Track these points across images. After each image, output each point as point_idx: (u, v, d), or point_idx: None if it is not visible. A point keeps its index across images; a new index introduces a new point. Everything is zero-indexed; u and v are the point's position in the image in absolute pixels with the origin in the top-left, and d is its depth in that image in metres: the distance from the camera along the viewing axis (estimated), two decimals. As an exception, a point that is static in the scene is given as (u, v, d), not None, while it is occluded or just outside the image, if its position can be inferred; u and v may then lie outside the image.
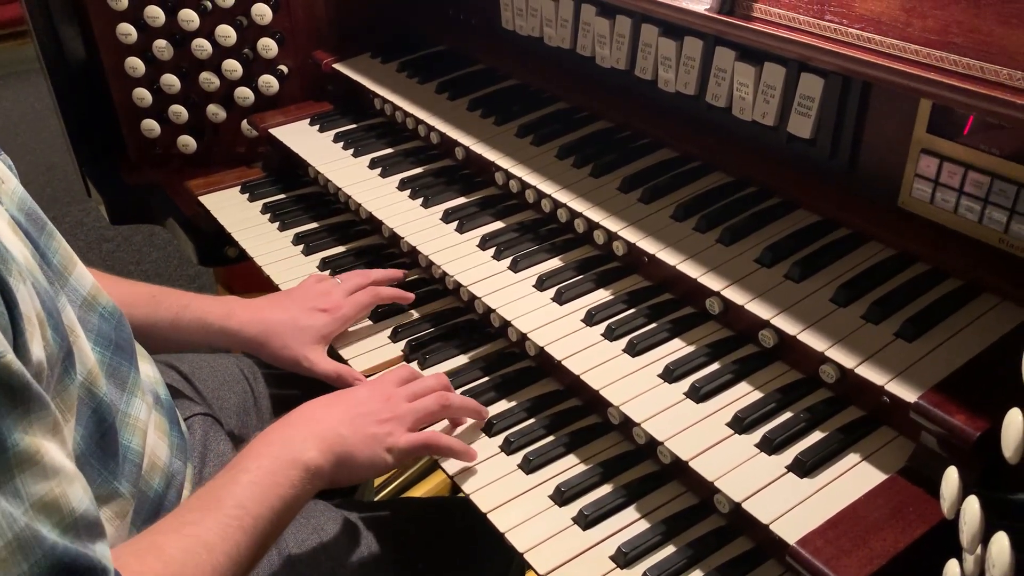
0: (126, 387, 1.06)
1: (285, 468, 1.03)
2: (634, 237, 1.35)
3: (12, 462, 0.73)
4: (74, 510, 0.78)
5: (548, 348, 1.27)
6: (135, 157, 2.13)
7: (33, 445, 0.75)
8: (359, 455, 1.12)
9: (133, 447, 1.03)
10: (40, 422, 0.77)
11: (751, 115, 1.40)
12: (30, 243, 0.92)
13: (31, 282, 0.83)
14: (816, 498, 1.02)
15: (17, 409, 0.74)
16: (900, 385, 1.04)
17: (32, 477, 0.74)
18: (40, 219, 0.97)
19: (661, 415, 1.14)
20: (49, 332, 0.84)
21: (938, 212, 1.22)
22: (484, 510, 1.15)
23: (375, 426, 1.14)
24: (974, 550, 0.80)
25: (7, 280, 0.77)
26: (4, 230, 0.85)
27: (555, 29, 1.70)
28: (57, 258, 0.99)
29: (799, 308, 1.17)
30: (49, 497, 0.76)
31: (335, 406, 1.16)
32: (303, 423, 1.12)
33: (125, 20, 1.95)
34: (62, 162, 4.53)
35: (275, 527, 1.01)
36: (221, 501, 0.97)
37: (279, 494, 1.01)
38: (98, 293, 1.07)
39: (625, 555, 1.07)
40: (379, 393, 1.20)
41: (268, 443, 1.07)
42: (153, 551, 0.89)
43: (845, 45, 1.09)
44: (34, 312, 0.82)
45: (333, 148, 1.83)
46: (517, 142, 1.62)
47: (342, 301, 1.41)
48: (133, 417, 1.05)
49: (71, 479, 0.79)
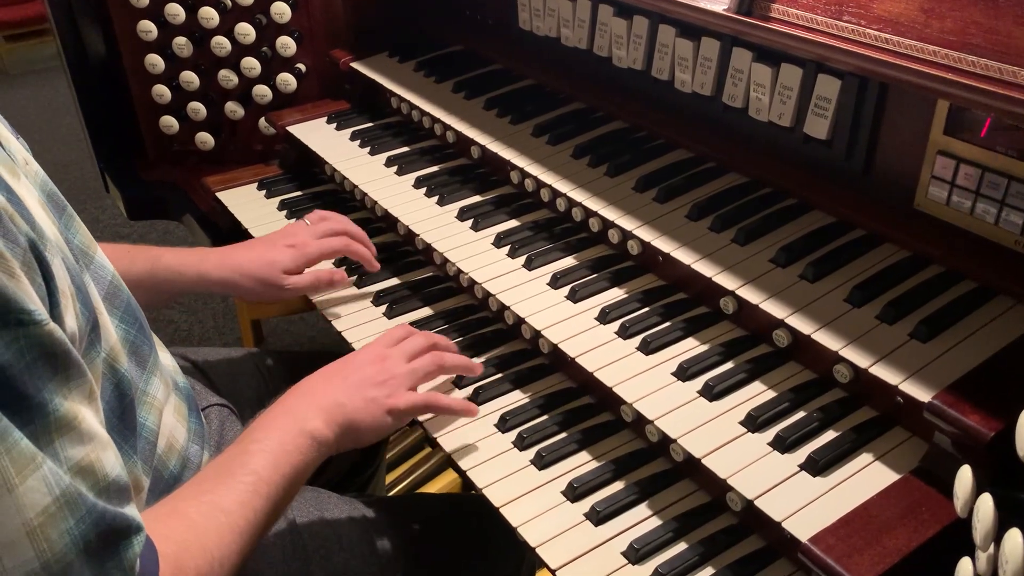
0: (146, 366, 1.08)
1: (293, 438, 1.07)
2: (649, 236, 1.35)
3: (52, 427, 0.76)
4: (107, 475, 0.80)
5: (562, 345, 1.27)
6: (153, 154, 2.15)
7: (72, 411, 0.78)
8: (361, 421, 1.15)
9: (148, 425, 1.05)
10: (78, 389, 0.80)
11: (767, 116, 1.40)
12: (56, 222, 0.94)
13: (61, 257, 0.85)
14: (828, 497, 1.02)
15: (58, 375, 0.77)
16: (914, 385, 1.04)
17: (70, 442, 0.77)
18: (61, 201, 1.00)
19: (674, 413, 1.15)
20: (78, 305, 0.87)
21: (954, 214, 1.22)
22: (497, 504, 1.15)
23: (373, 389, 1.17)
24: (987, 548, 0.80)
25: (43, 253, 0.80)
26: (35, 207, 0.87)
27: (572, 30, 1.71)
28: (78, 239, 1.02)
29: (813, 308, 1.17)
30: (85, 462, 0.78)
31: (333, 377, 1.19)
32: (304, 397, 1.15)
33: (146, 17, 1.97)
34: (78, 159, 4.58)
35: (287, 492, 1.05)
36: (235, 470, 1.01)
37: (289, 461, 1.05)
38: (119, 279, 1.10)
39: (637, 551, 1.07)
40: (375, 356, 1.23)
41: (274, 417, 1.10)
42: (175, 515, 0.93)
43: (863, 46, 1.09)
44: (67, 285, 0.84)
45: (350, 146, 1.84)
46: (533, 141, 1.63)
47: (309, 240, 1.49)
48: (151, 396, 1.07)
49: (104, 445, 0.81)
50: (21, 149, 0.99)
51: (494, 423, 1.27)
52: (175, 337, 3.43)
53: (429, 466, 2.26)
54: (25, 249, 0.77)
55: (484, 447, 1.24)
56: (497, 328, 1.45)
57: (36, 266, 0.78)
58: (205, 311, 3.59)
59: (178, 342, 3.40)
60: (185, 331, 3.49)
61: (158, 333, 1.24)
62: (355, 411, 1.14)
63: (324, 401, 1.13)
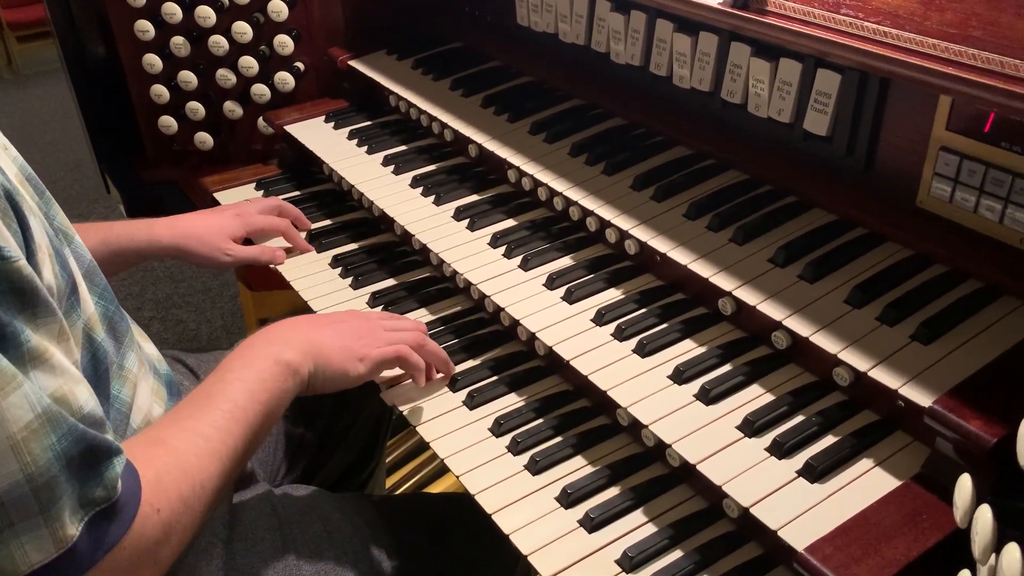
0: (123, 343, 1.11)
1: (269, 366, 1.11)
2: (646, 236, 1.32)
3: (26, 357, 0.80)
4: (82, 407, 0.84)
5: (557, 348, 1.25)
6: (152, 154, 2.14)
7: (41, 345, 0.81)
8: (334, 361, 1.18)
9: (122, 397, 1.07)
10: (47, 327, 0.83)
11: (767, 112, 1.37)
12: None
13: (39, 221, 0.89)
14: (827, 504, 1.00)
15: (26, 310, 0.81)
16: (915, 389, 1.01)
17: (43, 373, 0.81)
18: (40, 185, 1.02)
19: (670, 417, 1.12)
20: (56, 267, 0.91)
21: (957, 212, 1.19)
22: (489, 511, 1.13)
23: (351, 339, 1.22)
24: (986, 561, 0.77)
25: (20, 206, 0.84)
26: (13, 174, 0.91)
27: (570, 25, 1.69)
28: (58, 220, 1.03)
29: (813, 309, 1.15)
30: (59, 394, 0.82)
31: (315, 321, 1.25)
32: (282, 329, 1.19)
33: (143, 17, 1.96)
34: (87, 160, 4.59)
35: (264, 419, 1.08)
36: (212, 398, 1.04)
37: (265, 388, 1.08)
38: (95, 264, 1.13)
39: (631, 559, 1.05)
40: (362, 317, 1.30)
41: (250, 346, 1.14)
42: (156, 442, 0.96)
43: (861, 39, 1.06)
44: (45, 244, 0.89)
45: (348, 145, 1.83)
46: (530, 139, 1.60)
47: (254, 212, 1.62)
48: (126, 369, 1.10)
49: (76, 380, 0.85)
50: (3, 138, 1.02)
51: (488, 427, 1.25)
52: (183, 336, 3.43)
53: (431, 468, 2.24)
54: (0, 196, 0.81)
55: (477, 452, 1.22)
56: (494, 330, 1.43)
57: (12, 214, 0.83)
58: (214, 311, 3.59)
59: (187, 341, 3.40)
60: (193, 330, 3.49)
61: (167, 333, 1.26)
62: (329, 352, 1.18)
63: (301, 336, 1.18)
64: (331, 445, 1.62)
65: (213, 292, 3.72)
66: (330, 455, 1.62)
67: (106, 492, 0.83)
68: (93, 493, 0.82)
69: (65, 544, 0.80)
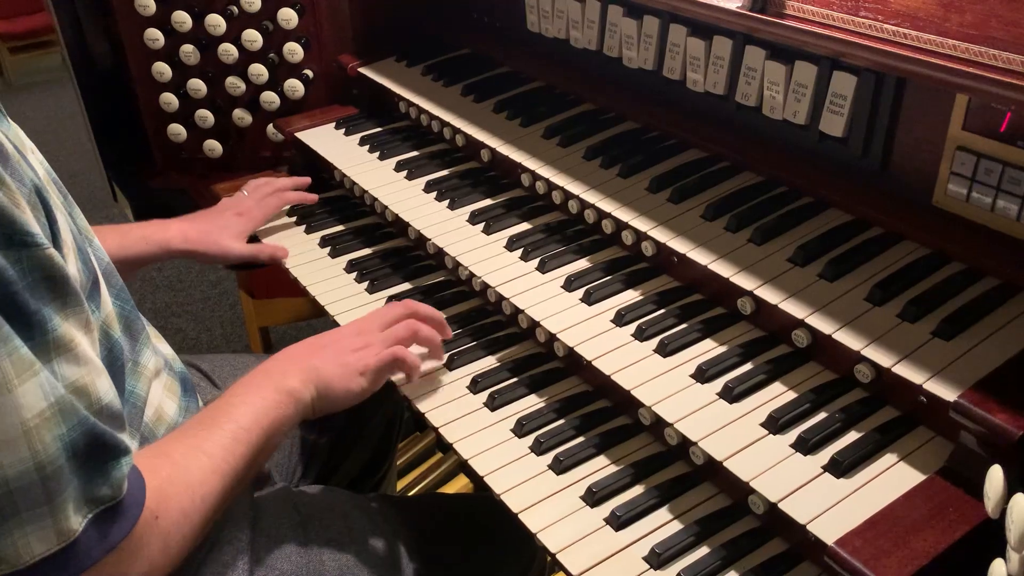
0: (138, 340, 1.13)
1: (272, 394, 1.14)
2: (664, 237, 1.34)
3: (51, 345, 0.81)
4: (101, 399, 0.86)
5: (578, 348, 1.26)
6: (161, 162, 2.15)
7: (69, 333, 0.83)
8: (335, 384, 1.21)
9: (137, 392, 1.10)
10: (75, 316, 0.85)
11: (782, 114, 1.39)
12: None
13: (66, 219, 0.91)
14: (853, 499, 1.01)
15: (57, 299, 0.83)
16: (938, 384, 1.02)
17: (67, 362, 0.83)
18: (63, 188, 1.04)
19: (694, 415, 1.13)
20: (80, 264, 0.93)
21: (974, 210, 1.20)
22: (515, 510, 1.14)
23: (348, 355, 1.24)
24: (1021, 549, 0.78)
25: (48, 201, 0.87)
26: (44, 177, 0.94)
27: (581, 31, 1.70)
28: (80, 221, 1.05)
29: (833, 307, 1.16)
30: (80, 383, 0.84)
31: (311, 345, 1.27)
32: (281, 360, 1.22)
33: (152, 25, 1.96)
34: (84, 169, 4.58)
35: (266, 443, 1.11)
36: (217, 419, 1.07)
37: (268, 414, 1.11)
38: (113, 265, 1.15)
39: (659, 556, 1.06)
40: (354, 328, 1.31)
41: (254, 375, 1.18)
42: (161, 455, 0.99)
43: (881, 41, 1.08)
44: (70, 239, 0.91)
45: (359, 151, 1.83)
46: (543, 144, 1.62)
47: (253, 206, 1.70)
48: (141, 366, 1.12)
49: (99, 372, 0.87)
50: (30, 142, 1.05)
51: (510, 428, 1.26)
52: (183, 346, 3.42)
53: (441, 471, 2.24)
54: (31, 190, 0.83)
55: (501, 452, 1.22)
56: (511, 332, 1.44)
57: (40, 207, 0.85)
58: (213, 319, 3.59)
59: (186, 350, 3.37)
60: (193, 339, 3.48)
61: (166, 342, 1.28)
62: (330, 375, 1.20)
63: (302, 364, 1.20)
64: (345, 447, 1.63)
65: (212, 301, 3.71)
66: (344, 457, 1.63)
67: (111, 491, 0.85)
68: (99, 490, 0.84)
69: (68, 537, 0.81)
